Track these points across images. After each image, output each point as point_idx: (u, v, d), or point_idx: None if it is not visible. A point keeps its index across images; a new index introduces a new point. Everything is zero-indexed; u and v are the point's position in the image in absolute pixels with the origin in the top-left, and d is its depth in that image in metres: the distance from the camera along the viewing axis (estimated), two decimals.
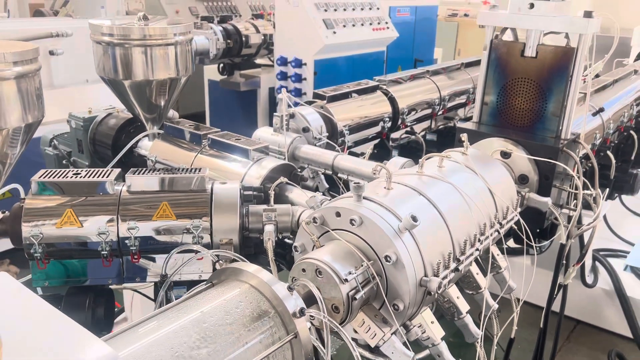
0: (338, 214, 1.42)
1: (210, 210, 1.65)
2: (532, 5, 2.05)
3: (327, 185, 2.58)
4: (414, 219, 1.34)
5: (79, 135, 2.54)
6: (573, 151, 2.16)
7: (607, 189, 3.01)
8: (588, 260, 3.54)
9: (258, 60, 6.48)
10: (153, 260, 1.66)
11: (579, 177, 2.07)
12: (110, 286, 1.73)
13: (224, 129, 2.31)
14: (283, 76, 5.62)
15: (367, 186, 1.52)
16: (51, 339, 0.72)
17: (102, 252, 1.60)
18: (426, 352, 1.60)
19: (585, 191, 2.09)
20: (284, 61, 5.57)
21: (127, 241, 1.61)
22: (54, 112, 2.74)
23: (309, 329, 1.13)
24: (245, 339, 1.05)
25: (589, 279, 3.43)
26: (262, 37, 6.18)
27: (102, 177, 1.64)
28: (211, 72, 6.62)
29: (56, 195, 1.61)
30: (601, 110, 2.90)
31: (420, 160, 1.68)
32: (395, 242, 1.34)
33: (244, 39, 6.02)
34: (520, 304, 1.85)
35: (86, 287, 1.71)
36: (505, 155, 2.11)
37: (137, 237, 1.60)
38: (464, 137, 1.89)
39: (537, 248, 2.26)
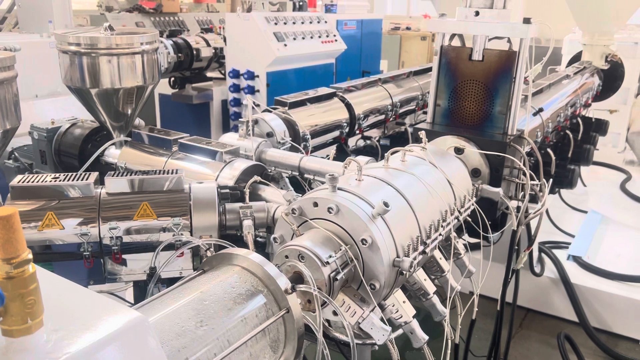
0: (315, 204, 1.53)
1: (189, 209, 1.71)
2: (477, 13, 2.25)
3: (291, 188, 2.68)
4: (386, 204, 1.47)
5: (42, 147, 2.53)
6: (519, 146, 2.36)
7: (548, 184, 3.24)
8: (535, 252, 3.78)
9: (209, 74, 6.52)
10: (133, 259, 1.70)
11: (526, 169, 2.26)
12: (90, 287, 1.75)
13: None
14: (236, 88, 5.69)
15: (341, 178, 1.64)
16: (82, 309, 0.79)
17: (84, 253, 1.63)
18: (400, 331, 1.73)
19: (532, 181, 2.28)
20: (236, 74, 5.65)
21: (108, 241, 1.65)
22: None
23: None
24: (243, 314, 1.13)
25: (537, 269, 3.67)
26: (213, 51, 6.23)
27: (81, 180, 1.68)
28: (162, 86, 6.59)
29: (35, 199, 1.64)
30: (540, 110, 3.15)
31: (385, 154, 1.81)
32: (370, 227, 1.46)
33: (194, 52, 6.06)
34: (480, 285, 2.00)
35: None
36: (458, 151, 2.28)
37: (118, 237, 1.65)
38: (422, 134, 2.04)
39: (491, 238, 2.45)
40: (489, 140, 2.30)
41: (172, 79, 6.30)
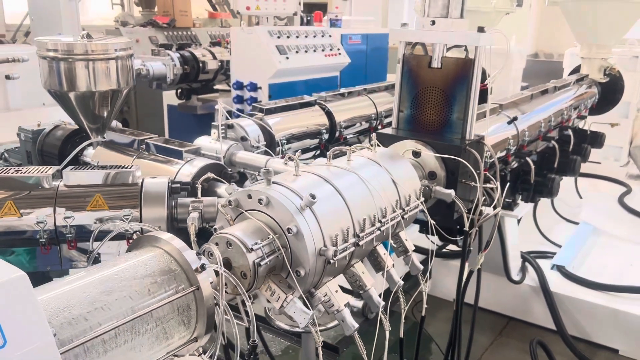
0: (249, 196, 1.63)
1: (140, 201, 1.83)
2: (433, 22, 2.34)
3: (237, 187, 2.78)
4: (313, 196, 1.56)
5: (28, 147, 2.69)
6: (479, 150, 2.43)
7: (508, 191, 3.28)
8: (517, 261, 3.80)
9: (217, 86, 6.71)
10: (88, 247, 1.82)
11: (479, 173, 2.32)
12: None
13: None
14: (239, 100, 5.84)
15: (280, 175, 1.74)
16: None
17: (41, 240, 1.76)
18: (335, 322, 1.81)
19: (486, 184, 2.35)
20: (240, 85, 5.81)
21: (63, 229, 1.78)
22: (9, 134, 2.89)
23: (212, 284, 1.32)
24: (152, 289, 1.23)
25: (518, 277, 3.69)
26: (219, 63, 6.42)
27: (41, 173, 1.81)
28: (169, 97, 6.82)
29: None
30: (514, 119, 3.20)
31: (327, 153, 1.91)
32: (297, 217, 1.55)
33: (201, 64, 6.25)
34: (428, 280, 2.07)
35: None
36: (415, 154, 2.36)
37: (72, 225, 1.77)
38: (374, 136, 2.14)
39: (460, 242, 2.51)
40: (446, 144, 2.37)
41: (179, 90, 6.51)
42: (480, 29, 2.29)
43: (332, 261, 1.60)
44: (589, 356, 3.32)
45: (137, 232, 1.43)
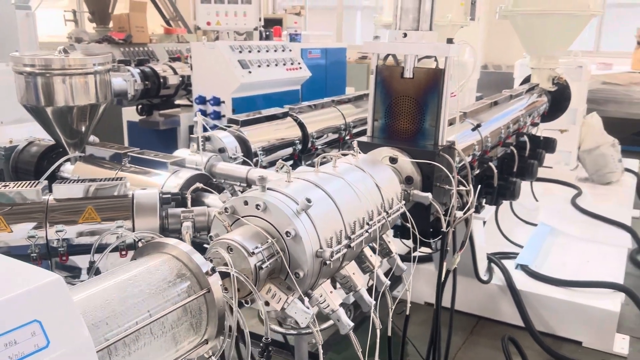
0: (246, 203, 1.68)
1: (132, 213, 1.85)
2: (405, 35, 2.47)
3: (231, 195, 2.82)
4: (309, 200, 1.63)
5: (0, 165, 2.64)
6: (451, 155, 2.56)
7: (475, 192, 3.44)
8: (484, 262, 3.97)
9: (177, 101, 6.68)
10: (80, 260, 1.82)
11: (453, 175, 2.45)
12: None
13: None
14: (202, 114, 5.83)
15: (272, 181, 1.80)
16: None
17: (32, 255, 1.74)
18: (330, 322, 1.87)
19: (460, 187, 2.47)
20: (202, 100, 5.83)
21: (55, 244, 1.77)
22: None
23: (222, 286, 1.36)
24: (166, 293, 1.26)
25: (485, 277, 3.85)
26: (180, 79, 6.41)
27: (30, 187, 1.80)
28: (129, 113, 6.73)
29: None
30: (478, 126, 3.37)
31: (315, 160, 1.98)
32: (294, 220, 1.61)
33: (161, 80, 6.23)
34: (410, 281, 2.16)
35: None
36: (392, 160, 2.46)
37: (64, 239, 1.77)
38: (355, 143, 2.23)
39: (434, 245, 2.62)
40: (421, 150, 2.49)
41: (140, 106, 6.45)
42: (449, 41, 2.43)
43: (328, 262, 1.66)
44: (555, 349, 3.49)
45: (142, 241, 1.45)
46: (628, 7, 10.44)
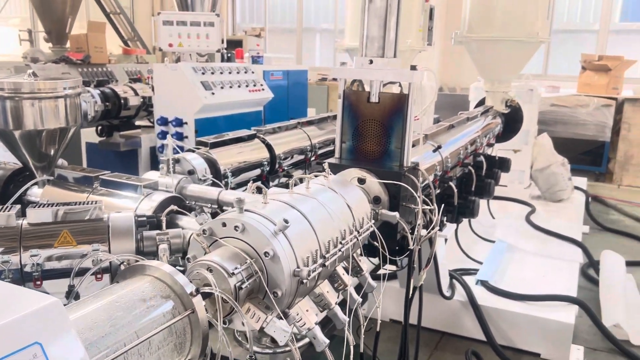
0: (224, 224, 1.72)
1: (108, 236, 1.85)
2: (371, 61, 2.58)
3: (208, 217, 2.84)
4: (286, 221, 1.69)
5: None
6: (415, 176, 2.67)
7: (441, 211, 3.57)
8: (446, 278, 4.09)
9: (138, 122, 6.63)
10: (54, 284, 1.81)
11: (419, 195, 2.56)
12: None
13: None
14: (164, 135, 5.82)
15: (249, 203, 1.84)
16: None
17: (5, 280, 1.72)
18: (306, 340, 1.91)
19: (425, 206, 2.58)
20: (164, 121, 5.81)
21: (29, 268, 1.76)
22: None
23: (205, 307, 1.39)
24: (151, 315, 1.29)
25: (448, 294, 3.97)
26: (141, 100, 6.38)
27: (3, 212, 1.79)
28: (89, 135, 6.63)
29: None
30: (439, 147, 3.52)
31: (290, 181, 2.05)
32: (272, 241, 1.66)
33: (122, 101, 6.18)
34: (380, 299, 2.23)
35: None
36: (361, 181, 2.55)
37: (39, 264, 1.76)
38: (326, 165, 2.31)
39: (400, 262, 2.71)
40: (387, 171, 2.59)
41: (100, 127, 6.36)
42: (413, 67, 2.56)
43: (305, 281, 1.72)
44: None
45: (125, 263, 1.47)
46: (572, 33, 11.06)
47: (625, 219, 7.05)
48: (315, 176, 2.25)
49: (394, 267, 2.95)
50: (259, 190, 2.07)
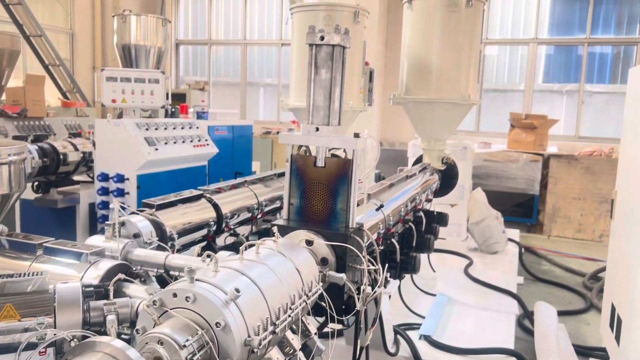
0: (175, 295, 1.73)
1: (53, 308, 1.81)
2: (317, 129, 2.71)
3: (158, 286, 2.80)
4: (237, 290, 1.72)
5: None
6: (360, 237, 2.77)
7: (385, 270, 3.69)
8: (391, 334, 4.16)
9: (76, 177, 6.46)
10: None
11: (364, 256, 2.65)
12: None
13: None
14: (104, 191, 5.71)
15: (199, 271, 1.87)
16: None
17: None
18: None
19: (370, 266, 2.68)
20: (105, 177, 5.70)
21: None
22: None
23: None
24: None
25: (393, 350, 4.03)
26: (81, 155, 6.24)
27: None
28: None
29: None
30: (381, 206, 3.66)
31: (240, 248, 2.09)
32: (224, 311, 1.69)
33: (61, 157, 6.03)
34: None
35: None
36: (309, 243, 2.63)
37: None
38: (275, 229, 2.37)
39: (346, 321, 2.76)
40: (334, 233, 2.68)
41: (36, 183, 6.15)
42: (356, 135, 2.71)
43: (255, 350, 1.74)
44: None
45: (75, 340, 1.45)
46: (501, 92, 11.88)
47: (555, 269, 7.45)
48: (265, 240, 2.30)
49: (340, 326, 3.01)
50: (208, 255, 2.10)
